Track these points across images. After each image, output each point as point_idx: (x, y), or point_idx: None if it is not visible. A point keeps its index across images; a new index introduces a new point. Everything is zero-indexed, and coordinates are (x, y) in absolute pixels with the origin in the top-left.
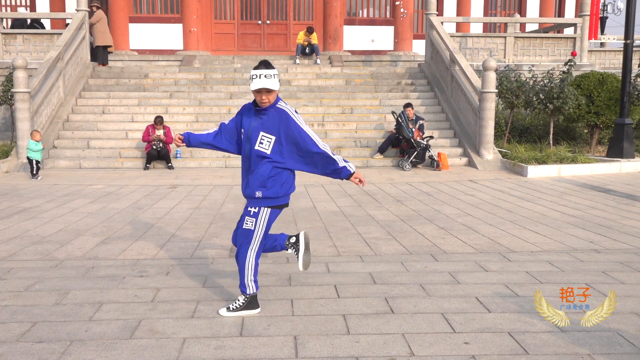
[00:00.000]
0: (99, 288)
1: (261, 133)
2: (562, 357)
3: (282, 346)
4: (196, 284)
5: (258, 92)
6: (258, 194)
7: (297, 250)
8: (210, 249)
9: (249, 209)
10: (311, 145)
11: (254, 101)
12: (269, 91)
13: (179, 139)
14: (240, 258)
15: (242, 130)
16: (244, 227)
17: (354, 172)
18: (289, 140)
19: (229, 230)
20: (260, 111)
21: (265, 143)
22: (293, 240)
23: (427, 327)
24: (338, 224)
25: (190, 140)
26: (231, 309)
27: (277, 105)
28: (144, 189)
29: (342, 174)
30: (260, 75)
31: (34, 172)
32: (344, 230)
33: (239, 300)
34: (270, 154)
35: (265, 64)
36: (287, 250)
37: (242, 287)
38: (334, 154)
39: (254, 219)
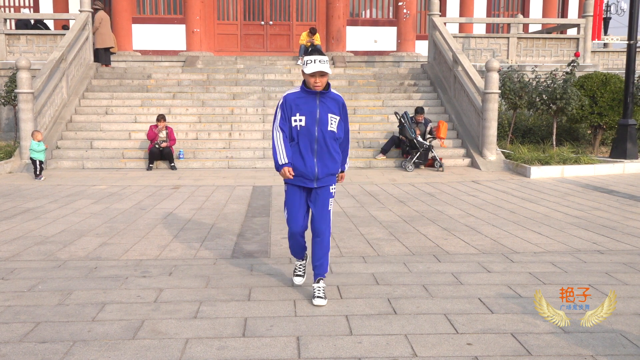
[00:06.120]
0: (102, 288)
1: (329, 115)
2: (565, 358)
3: (285, 347)
4: (199, 284)
5: (312, 75)
6: (339, 170)
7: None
8: (213, 249)
9: (331, 190)
10: (348, 131)
11: (302, 88)
12: (322, 74)
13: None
14: (327, 241)
15: (298, 116)
16: (329, 208)
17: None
18: (344, 122)
19: (231, 232)
20: (319, 95)
21: (334, 123)
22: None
23: (430, 328)
24: (341, 224)
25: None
26: (324, 297)
27: (334, 92)
28: (147, 189)
29: (343, 165)
30: (315, 60)
31: (37, 173)
32: (347, 231)
33: (322, 286)
34: (338, 132)
35: (318, 52)
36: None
37: (325, 271)
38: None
39: (333, 199)
